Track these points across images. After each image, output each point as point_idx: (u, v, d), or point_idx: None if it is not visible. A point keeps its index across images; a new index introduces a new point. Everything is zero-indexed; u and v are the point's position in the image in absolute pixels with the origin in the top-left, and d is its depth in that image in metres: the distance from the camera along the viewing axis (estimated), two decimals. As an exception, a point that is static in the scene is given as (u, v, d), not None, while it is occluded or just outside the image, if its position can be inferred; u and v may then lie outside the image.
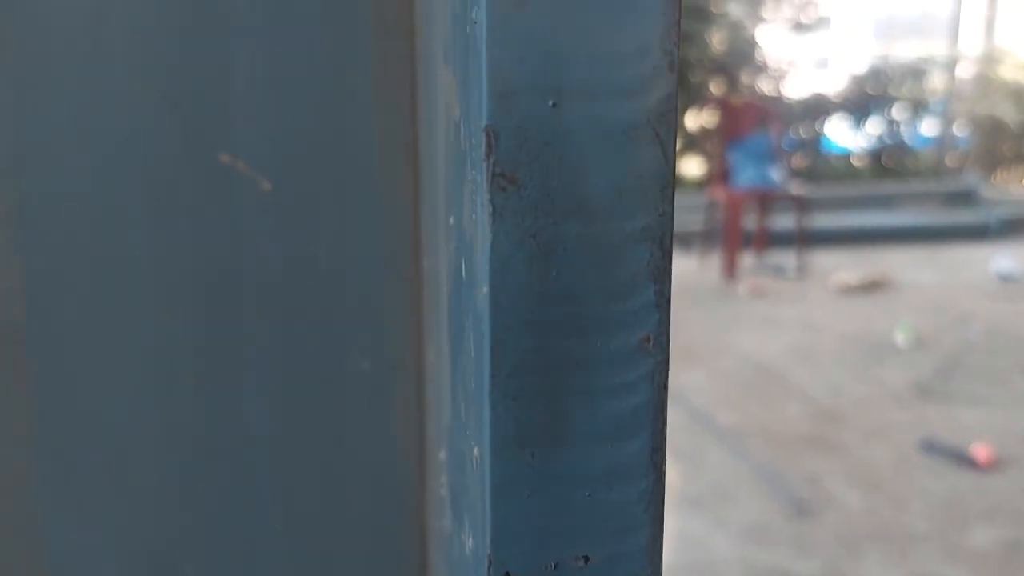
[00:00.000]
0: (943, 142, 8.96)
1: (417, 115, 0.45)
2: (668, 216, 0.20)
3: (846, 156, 8.61)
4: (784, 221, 5.64)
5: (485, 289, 0.20)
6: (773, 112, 6.00)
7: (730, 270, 5.16)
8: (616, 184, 0.20)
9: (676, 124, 0.20)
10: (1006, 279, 5.10)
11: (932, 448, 2.89)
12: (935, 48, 9.21)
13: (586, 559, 0.21)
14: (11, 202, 0.46)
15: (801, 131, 8.22)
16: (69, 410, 0.47)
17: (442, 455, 0.35)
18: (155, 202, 0.46)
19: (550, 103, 0.20)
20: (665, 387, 0.21)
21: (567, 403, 0.20)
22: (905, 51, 9.24)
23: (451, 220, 0.28)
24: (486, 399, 0.20)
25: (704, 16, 7.78)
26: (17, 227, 0.46)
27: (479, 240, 0.20)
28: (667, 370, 0.21)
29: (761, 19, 8.45)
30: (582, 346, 0.20)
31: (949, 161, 8.84)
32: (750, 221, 5.52)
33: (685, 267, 5.52)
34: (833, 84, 8.82)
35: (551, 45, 0.19)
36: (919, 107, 8.70)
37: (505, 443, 0.20)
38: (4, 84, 0.44)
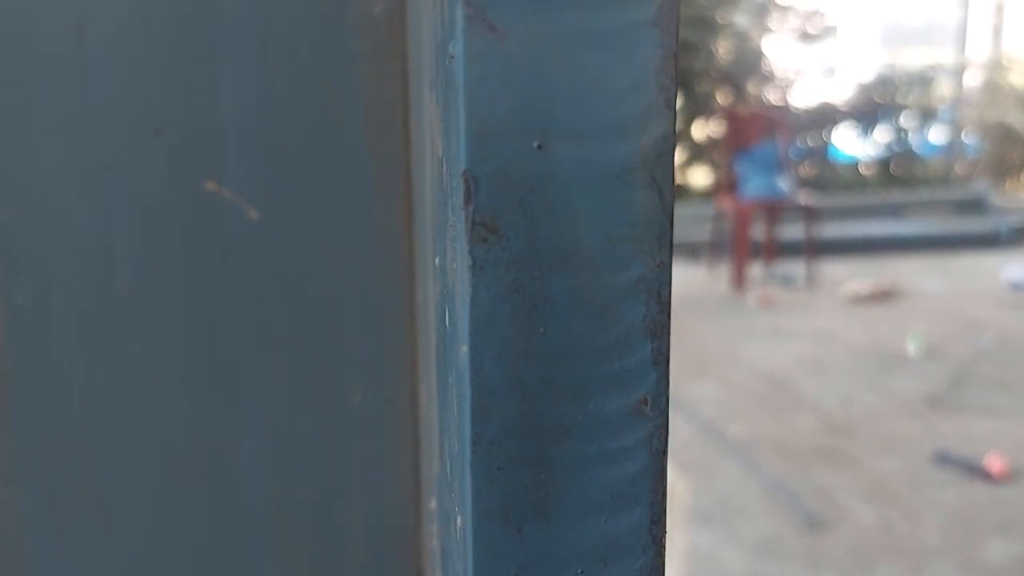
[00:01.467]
0: (952, 150, 8.92)
1: (410, 141, 0.44)
2: (666, 267, 0.18)
3: (854, 165, 8.58)
4: (793, 231, 5.61)
5: (466, 348, 0.18)
6: (780, 122, 5.97)
7: (739, 280, 5.14)
8: (608, 233, 0.18)
9: (673, 166, 0.18)
10: (1017, 287, 5.06)
11: (945, 460, 2.86)
12: (943, 56, 9.18)
13: (580, 638, 0.19)
14: (-8, 233, 0.44)
15: (809, 140, 8.20)
16: (54, 446, 0.45)
17: (432, 504, 0.33)
18: (141, 231, 0.44)
19: (535, 145, 0.18)
20: (664, 452, 0.19)
21: (557, 473, 0.18)
22: (913, 59, 9.20)
23: (436, 260, 0.26)
24: (467, 468, 0.18)
25: (710, 26, 7.77)
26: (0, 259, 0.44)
27: (459, 293, 0.19)
28: (666, 434, 0.19)
29: (767, 29, 8.43)
30: (573, 410, 0.19)
31: (958, 169, 8.80)
32: (758, 231, 5.49)
33: (693, 277, 5.49)
34: (840, 93, 8.79)
35: (535, 81, 0.18)
36: (927, 115, 8.66)
37: (489, 516, 0.18)
38: (-17, 112, 0.43)
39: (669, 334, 0.19)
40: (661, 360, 0.18)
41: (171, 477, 0.45)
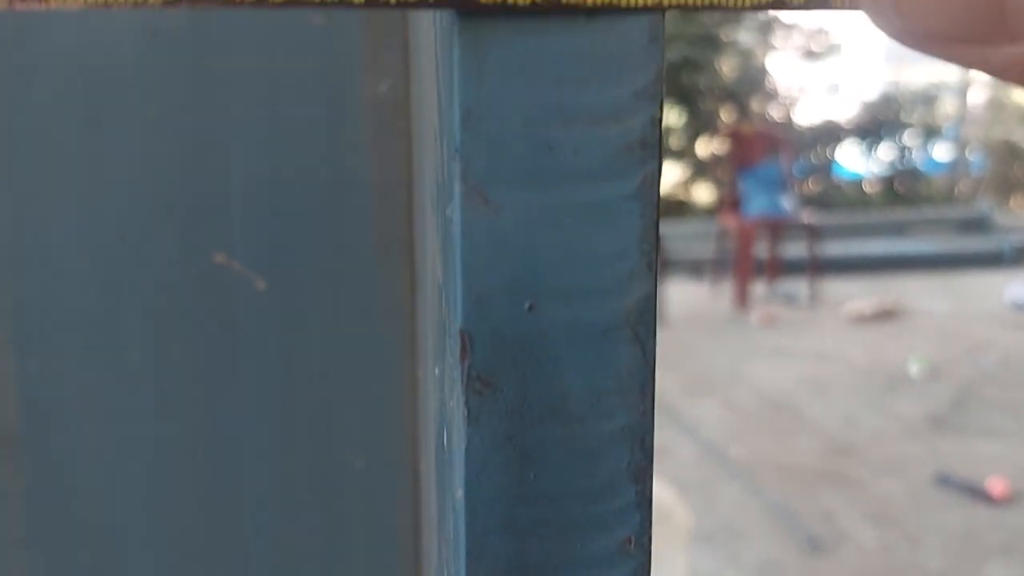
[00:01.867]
0: (956, 168, 8.93)
1: (413, 219, 0.45)
2: (648, 415, 0.20)
3: (858, 183, 8.58)
4: (796, 249, 5.62)
5: (460, 493, 0.19)
6: (784, 140, 5.99)
7: (742, 299, 5.14)
8: (594, 385, 0.20)
9: (655, 322, 0.20)
10: (1021, 307, 5.06)
11: (947, 482, 2.86)
12: (947, 73, 9.20)
13: None
14: (7, 305, 0.45)
15: (812, 158, 8.21)
16: (64, 514, 0.46)
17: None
18: (151, 302, 0.46)
19: (527, 306, 0.19)
20: (648, 587, 0.20)
21: (546, 609, 0.20)
22: (917, 77, 9.23)
23: (436, 371, 0.27)
24: (462, 604, 0.19)
25: (714, 44, 7.80)
26: (13, 329, 0.46)
27: (455, 439, 0.20)
28: (649, 570, 0.20)
29: (771, 47, 8.46)
30: (561, 549, 0.20)
31: (962, 187, 8.81)
32: (761, 249, 5.50)
33: (696, 295, 5.50)
34: (844, 110, 8.81)
35: (527, 249, 0.19)
36: (931, 133, 8.68)
37: (482, 648, 0.20)
38: (1, 188, 0.44)
39: (652, 477, 0.20)
40: (644, 502, 0.20)
41: (177, 542, 0.47)
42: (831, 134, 8.35)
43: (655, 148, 0.19)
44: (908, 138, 8.58)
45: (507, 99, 0.19)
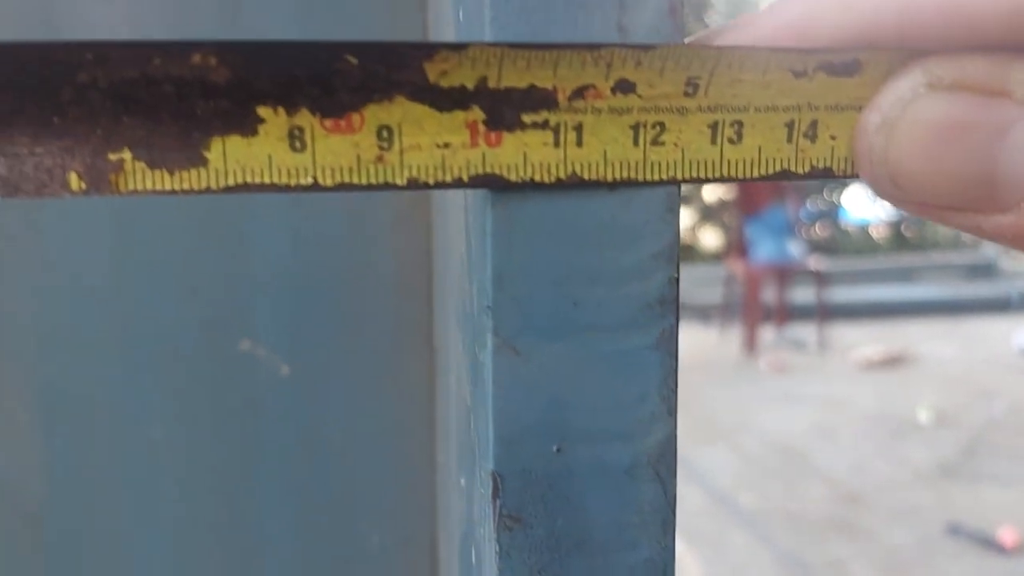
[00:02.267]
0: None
1: (432, 306, 0.47)
2: (669, 549, 0.21)
3: (865, 228, 8.61)
4: (804, 294, 5.63)
5: (492, 622, 0.21)
6: (790, 186, 6.03)
7: (750, 345, 5.14)
8: (618, 520, 0.21)
9: (675, 462, 0.21)
10: (1029, 354, 5.05)
11: (958, 531, 2.83)
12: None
13: None
14: (35, 385, 0.47)
15: (819, 203, 8.25)
16: (88, 593, 0.47)
17: None
18: (176, 385, 0.47)
19: (554, 448, 0.21)
20: None
21: None
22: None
23: (462, 481, 0.28)
24: None
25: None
26: (40, 409, 0.47)
27: (485, 570, 0.21)
28: None
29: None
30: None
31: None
32: (769, 294, 5.51)
33: (704, 341, 5.50)
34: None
35: (554, 395, 0.20)
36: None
37: None
38: (31, 272, 0.46)
39: (672, 606, 0.21)
40: (666, 629, 0.21)
41: (201, 620, 0.48)
42: (837, 180, 8.38)
43: (673, 304, 0.21)
44: (914, 183, 8.59)
45: (535, 262, 0.20)
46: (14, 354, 0.46)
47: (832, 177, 0.21)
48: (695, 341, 5.44)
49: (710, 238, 8.03)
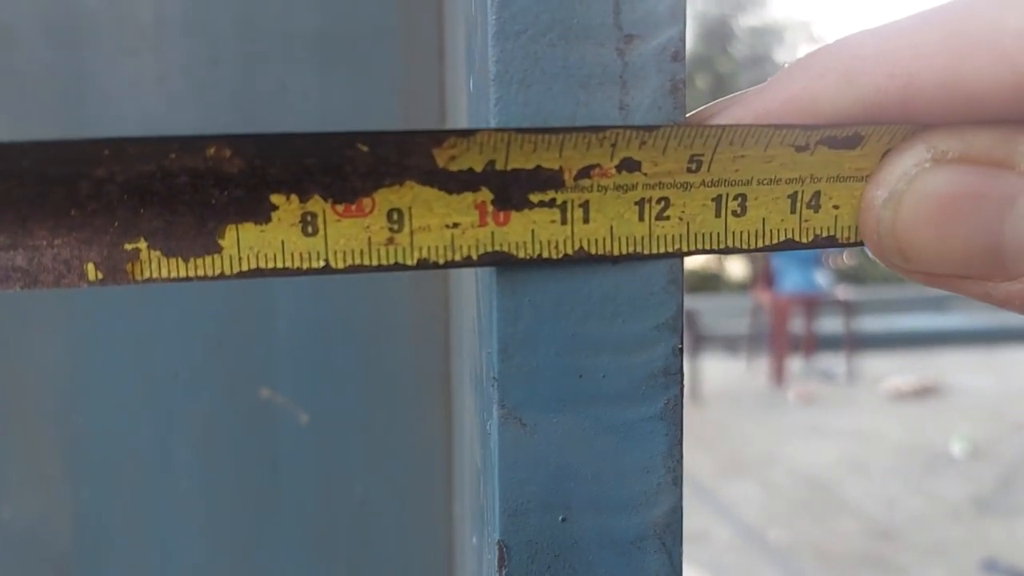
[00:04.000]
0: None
1: (450, 356, 0.47)
2: (676, 618, 0.21)
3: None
4: (832, 325, 5.58)
5: None
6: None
7: (778, 376, 5.10)
8: (625, 590, 0.21)
9: (682, 532, 0.21)
10: (1065, 384, 4.96)
11: (993, 568, 2.78)
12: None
13: None
14: (64, 438, 0.48)
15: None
16: (111, 642, 0.48)
17: None
18: (200, 434, 0.48)
19: (560, 518, 0.21)
20: None
21: None
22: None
23: (474, 539, 0.29)
24: None
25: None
26: (69, 461, 0.48)
27: (494, 640, 0.21)
28: None
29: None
30: None
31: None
32: (797, 325, 5.47)
33: (732, 372, 5.46)
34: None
35: (560, 465, 0.21)
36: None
37: None
38: (60, 331, 0.47)
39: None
40: None
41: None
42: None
43: (677, 375, 0.21)
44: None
45: (540, 334, 0.20)
46: (45, 410, 0.47)
47: (836, 245, 0.21)
48: (722, 372, 5.40)
49: (736, 268, 7.99)
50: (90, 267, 0.19)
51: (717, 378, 5.18)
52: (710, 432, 4.24)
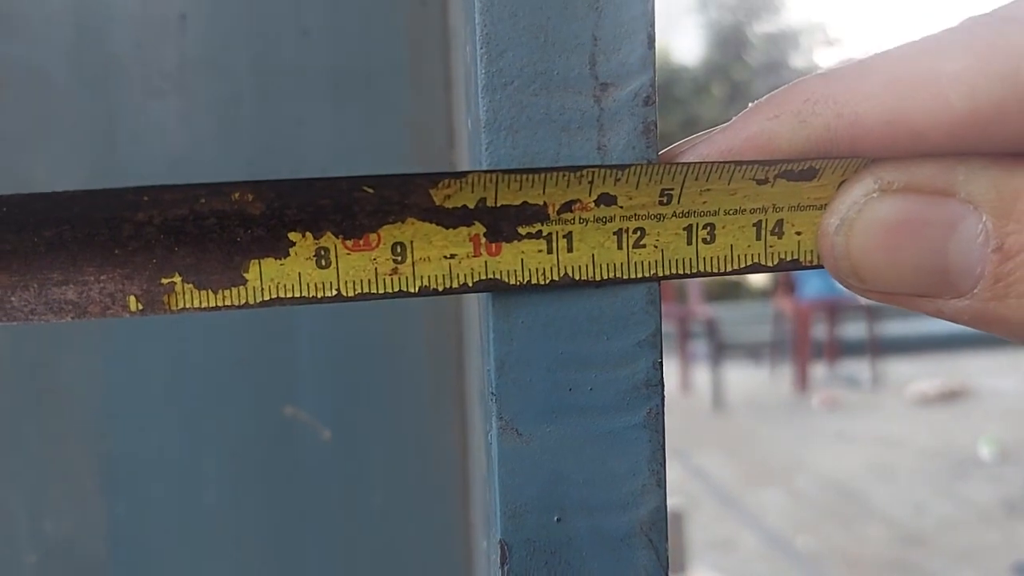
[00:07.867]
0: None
1: (464, 370, 0.49)
2: (664, 609, 0.23)
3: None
4: (855, 330, 5.55)
5: None
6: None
7: (802, 382, 5.08)
8: (616, 583, 0.23)
9: (667, 528, 0.23)
10: (1094, 384, 4.91)
11: (1025, 573, 2.76)
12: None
13: None
14: (99, 455, 0.50)
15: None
16: (148, 650, 0.50)
17: None
18: (227, 451, 0.50)
19: (555, 519, 0.23)
20: None
21: None
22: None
23: (484, 543, 0.31)
24: None
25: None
26: (104, 477, 0.51)
27: (498, 631, 0.24)
28: None
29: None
30: None
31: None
32: (819, 331, 5.45)
33: (755, 380, 5.45)
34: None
35: (554, 470, 0.23)
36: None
37: None
38: (99, 357, 0.50)
39: (669, 662, 0.23)
40: None
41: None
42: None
43: (658, 386, 0.23)
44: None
45: (532, 352, 0.23)
46: (82, 430, 0.50)
47: (800, 267, 0.23)
48: (745, 380, 5.38)
49: (757, 275, 7.97)
50: (132, 299, 0.21)
51: (740, 386, 5.17)
52: (735, 440, 4.23)
